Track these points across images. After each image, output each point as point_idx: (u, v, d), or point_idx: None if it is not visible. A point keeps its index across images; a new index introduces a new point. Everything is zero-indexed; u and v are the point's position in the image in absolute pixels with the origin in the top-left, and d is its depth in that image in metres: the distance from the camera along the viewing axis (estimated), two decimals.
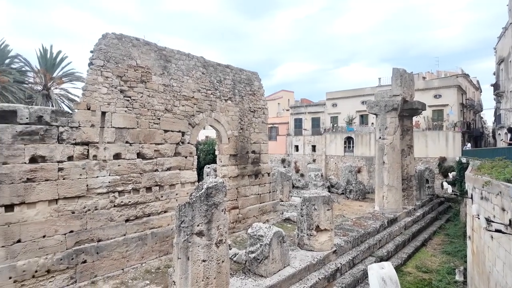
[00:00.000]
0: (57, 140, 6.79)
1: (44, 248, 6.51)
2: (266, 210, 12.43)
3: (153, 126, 8.60)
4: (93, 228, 7.26)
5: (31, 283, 6.26)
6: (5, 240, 6.03)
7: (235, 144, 11.25)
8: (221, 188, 5.71)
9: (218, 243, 5.47)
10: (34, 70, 21.23)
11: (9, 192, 6.11)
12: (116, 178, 7.70)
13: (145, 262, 8.09)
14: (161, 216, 8.70)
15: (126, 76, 7.92)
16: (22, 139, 6.31)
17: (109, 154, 7.64)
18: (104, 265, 7.34)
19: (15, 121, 6.25)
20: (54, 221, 6.67)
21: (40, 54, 21.22)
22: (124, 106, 7.90)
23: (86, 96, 7.24)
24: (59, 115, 6.85)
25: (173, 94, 9.11)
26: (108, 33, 7.58)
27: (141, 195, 8.25)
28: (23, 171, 6.30)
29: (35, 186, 6.43)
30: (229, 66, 11.12)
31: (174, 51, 9.18)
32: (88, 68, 7.37)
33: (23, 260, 6.21)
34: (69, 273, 6.79)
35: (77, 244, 6.98)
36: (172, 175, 9.05)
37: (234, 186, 11.06)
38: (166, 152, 8.93)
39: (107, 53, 7.55)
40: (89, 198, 7.24)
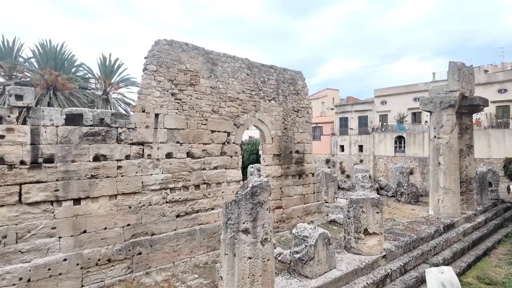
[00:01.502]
0: (116, 140, 7.41)
1: (106, 239, 7.15)
2: (311, 211, 12.26)
3: (201, 127, 8.98)
4: (147, 222, 7.80)
5: (94, 270, 6.92)
6: (73, 230, 6.74)
7: (279, 144, 11.27)
8: (266, 187, 5.78)
9: (263, 241, 5.54)
10: (95, 77, 23.38)
11: (77, 187, 6.82)
12: (168, 176, 8.19)
13: (193, 257, 8.48)
14: (208, 213, 9.04)
15: (176, 79, 8.38)
16: (87, 140, 7.00)
17: (162, 154, 8.14)
18: (157, 258, 7.85)
19: (81, 123, 6.95)
20: (114, 214, 7.30)
21: (100, 62, 23.30)
22: (175, 108, 8.36)
23: (141, 99, 7.80)
24: (118, 117, 7.48)
25: (219, 96, 9.42)
26: (160, 39, 8.09)
27: (190, 192, 8.66)
28: (88, 168, 6.98)
29: (98, 182, 7.09)
30: (273, 67, 11.18)
31: (220, 54, 9.48)
32: (142, 73, 7.93)
33: (88, 249, 6.89)
34: (127, 263, 7.38)
35: (133, 237, 7.55)
36: (218, 174, 9.36)
37: (277, 186, 11.09)
38: (213, 151, 9.26)
39: (159, 59, 8.06)
40: (144, 194, 7.79)
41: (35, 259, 6.25)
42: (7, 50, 20.07)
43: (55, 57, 20.61)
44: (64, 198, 6.63)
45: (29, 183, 6.27)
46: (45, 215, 6.42)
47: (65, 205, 6.66)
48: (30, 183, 6.28)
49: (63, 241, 6.61)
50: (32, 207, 6.29)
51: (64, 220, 6.63)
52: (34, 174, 6.32)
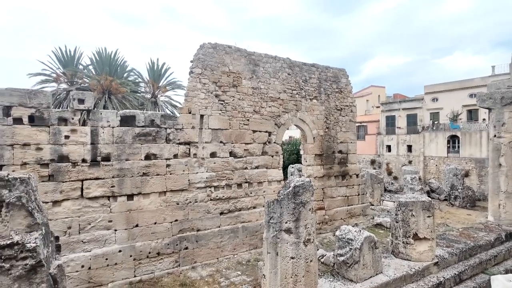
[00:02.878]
0: (165, 140, 7.85)
1: (155, 233, 7.61)
2: (355, 213, 11.87)
3: (243, 127, 9.16)
4: (193, 218, 8.15)
5: (145, 262, 7.39)
6: (127, 224, 7.28)
7: (321, 143, 11.08)
8: (308, 187, 5.73)
9: (306, 242, 5.50)
10: (144, 81, 24.92)
11: (130, 184, 7.34)
12: (212, 175, 8.48)
13: (236, 254, 8.68)
14: (250, 211, 9.19)
15: (220, 81, 8.65)
16: (139, 140, 7.51)
17: (207, 153, 8.45)
18: (202, 253, 8.16)
19: (134, 125, 7.47)
20: (163, 210, 7.73)
21: (149, 66, 24.77)
22: (218, 109, 8.63)
23: (188, 101, 8.17)
24: (166, 118, 7.92)
25: (261, 96, 9.52)
26: (204, 43, 8.40)
27: (233, 191, 8.88)
28: (140, 166, 7.48)
29: (149, 180, 7.57)
30: (315, 65, 11.02)
31: (262, 54, 9.58)
32: (188, 76, 8.30)
33: (140, 242, 7.38)
34: (174, 257, 7.78)
35: (181, 232, 7.94)
36: (260, 173, 9.47)
37: (320, 186, 10.91)
38: (254, 151, 9.39)
39: (204, 62, 8.37)
40: (190, 191, 8.14)
41: (95, 249, 6.86)
42: (69, 59, 22.20)
43: (109, 64, 22.36)
44: (119, 193, 7.19)
45: (89, 179, 6.90)
46: (103, 209, 7.02)
47: (120, 200, 7.21)
48: (90, 179, 6.91)
49: (118, 233, 7.16)
50: (92, 201, 6.91)
51: (119, 214, 7.19)
52: (93, 171, 6.94)
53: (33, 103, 6.34)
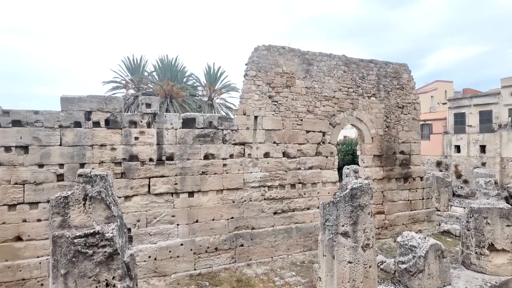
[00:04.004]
0: (222, 141, 8.19)
1: (213, 229, 7.98)
2: (418, 219, 11.02)
3: (296, 127, 9.12)
4: (248, 217, 8.36)
5: (204, 256, 7.80)
6: (188, 219, 7.75)
7: (380, 143, 10.51)
8: (367, 190, 5.49)
9: (364, 247, 5.29)
10: (202, 85, 26.20)
11: (191, 182, 7.81)
12: (265, 174, 8.61)
13: (290, 254, 8.68)
14: (304, 212, 9.11)
15: (273, 82, 8.73)
16: (199, 140, 7.94)
17: (260, 153, 8.60)
18: (257, 251, 8.33)
19: (194, 126, 7.93)
20: (220, 207, 8.08)
21: (205, 71, 25.96)
22: (272, 110, 8.73)
23: (242, 103, 8.41)
24: (223, 120, 8.25)
25: (315, 95, 9.37)
26: (259, 45, 8.56)
27: (286, 191, 8.90)
28: (200, 165, 7.91)
29: (207, 178, 7.97)
30: (373, 61, 10.49)
31: (316, 53, 9.44)
32: (243, 79, 8.54)
33: (200, 237, 7.81)
34: (231, 253, 8.06)
35: (236, 229, 8.20)
36: (313, 174, 9.33)
37: (379, 189, 10.35)
38: (308, 151, 9.28)
39: (259, 64, 8.54)
40: (245, 190, 8.37)
41: (160, 242, 7.44)
42: (136, 67, 24.34)
43: (171, 70, 23.99)
44: (181, 190, 7.70)
45: (155, 177, 7.51)
46: (167, 204, 7.58)
47: (182, 197, 7.72)
48: (156, 177, 7.52)
49: (180, 228, 7.67)
50: (158, 197, 7.51)
51: (181, 210, 7.70)
52: (159, 169, 7.54)
53: (109, 108, 7.11)
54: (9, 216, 6.34)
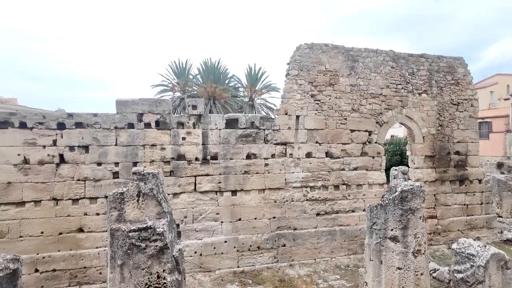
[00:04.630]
0: (264, 140, 8.24)
1: (256, 228, 8.06)
2: (476, 225, 10.10)
3: (340, 127, 8.86)
4: (290, 217, 8.32)
5: (247, 254, 7.91)
6: (231, 217, 7.93)
7: (432, 143, 9.81)
8: (418, 192, 5.17)
9: (415, 253, 4.98)
10: (243, 86, 26.63)
11: (234, 181, 7.97)
12: (308, 175, 8.49)
13: (334, 257, 8.46)
14: (348, 214, 8.82)
15: (316, 81, 8.58)
16: (241, 140, 8.08)
17: (302, 153, 8.51)
18: (299, 252, 8.26)
19: (236, 127, 8.08)
20: (262, 207, 8.14)
21: (247, 72, 26.35)
22: (314, 109, 8.58)
23: (284, 103, 8.39)
24: (265, 120, 8.30)
25: (360, 93, 9.03)
26: (301, 44, 8.47)
27: (329, 192, 8.69)
28: (242, 165, 8.05)
29: (250, 177, 8.08)
30: (424, 55, 9.83)
31: (361, 49, 9.09)
32: (285, 79, 8.51)
33: (242, 235, 7.94)
34: (273, 252, 8.09)
35: (278, 229, 8.20)
36: (358, 175, 8.99)
37: (430, 192, 9.68)
38: (352, 151, 8.98)
39: (301, 63, 8.45)
40: (287, 190, 8.34)
41: (205, 238, 7.70)
42: (182, 70, 25.46)
43: (214, 72, 24.72)
44: (224, 189, 7.90)
45: (201, 176, 7.79)
46: (211, 202, 7.83)
47: (225, 195, 7.91)
48: (201, 176, 7.79)
49: (224, 225, 7.87)
50: (203, 195, 7.78)
51: (225, 208, 7.89)
52: (204, 168, 7.80)
53: (158, 110, 7.53)
54: (73, 209, 7.01)
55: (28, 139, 6.77)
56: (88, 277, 6.98)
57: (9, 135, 6.69)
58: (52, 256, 6.82)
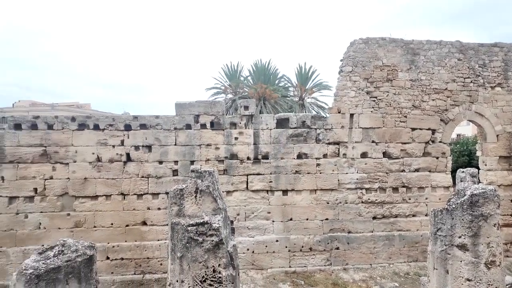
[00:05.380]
0: (315, 140, 8.10)
1: (307, 229, 7.96)
2: None
3: (399, 125, 8.33)
4: (344, 219, 8.05)
5: (299, 255, 7.85)
6: (282, 217, 7.94)
7: (508, 142, 8.70)
8: (492, 197, 4.62)
9: (489, 264, 4.47)
10: (293, 85, 26.46)
11: (285, 180, 7.97)
12: (363, 176, 8.13)
13: (392, 264, 7.98)
14: (408, 219, 8.25)
15: (372, 77, 8.19)
16: (292, 140, 8.05)
17: (357, 153, 8.18)
18: (354, 256, 7.95)
19: (287, 126, 8.07)
20: (314, 207, 8.00)
21: (297, 71, 26.11)
22: (370, 107, 8.19)
23: (337, 101, 8.15)
24: (316, 119, 8.16)
25: (422, 88, 8.39)
26: (355, 39, 8.15)
27: (387, 195, 8.21)
28: (293, 165, 8.01)
29: (301, 177, 8.00)
30: (498, 44, 8.77)
31: (422, 42, 8.44)
32: (338, 76, 8.27)
33: (294, 235, 7.90)
34: (326, 255, 7.90)
35: (331, 231, 7.99)
36: (420, 177, 8.35)
37: (506, 197, 8.60)
38: (413, 151, 8.37)
39: (355, 59, 8.13)
40: (340, 191, 8.09)
41: (257, 236, 7.83)
42: (233, 73, 26.19)
43: (264, 73, 24.99)
44: (275, 188, 7.95)
45: (252, 175, 7.94)
46: (263, 201, 7.93)
47: (276, 195, 7.96)
48: (253, 175, 7.94)
49: (275, 225, 7.91)
50: (255, 193, 7.93)
51: (276, 207, 7.93)
52: (255, 167, 7.94)
53: (213, 111, 7.86)
54: (138, 203, 7.65)
55: (100, 140, 7.57)
56: (151, 267, 7.55)
57: (85, 136, 7.55)
58: (120, 245, 7.53)
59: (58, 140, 7.47)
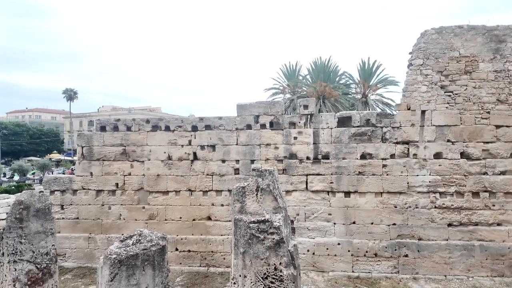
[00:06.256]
0: (381, 139, 7.64)
1: (372, 234, 7.55)
2: None
3: (480, 122, 7.40)
4: (414, 225, 7.44)
5: (362, 260, 7.49)
6: (345, 219, 7.66)
7: None
8: None
9: None
10: (355, 82, 25.32)
11: (347, 182, 7.68)
12: (436, 178, 7.41)
13: (472, 277, 7.12)
14: (492, 228, 7.28)
15: (446, 70, 7.41)
16: (355, 139, 7.71)
17: (429, 153, 7.49)
18: (425, 265, 7.30)
19: (350, 125, 7.76)
20: (380, 211, 7.55)
21: (359, 67, 24.93)
22: (444, 103, 7.43)
23: (406, 96, 7.57)
24: (382, 117, 7.69)
25: (509, 80, 7.33)
26: (427, 30, 7.48)
27: (465, 200, 7.36)
28: (356, 165, 7.67)
29: (365, 179, 7.62)
30: None
31: (510, 27, 7.37)
32: (407, 70, 7.68)
33: (357, 239, 7.56)
34: (393, 262, 7.40)
35: (399, 237, 7.45)
36: (507, 181, 7.30)
37: None
38: (498, 152, 7.36)
39: (426, 51, 7.46)
40: (410, 195, 7.49)
41: (317, 238, 7.69)
42: (292, 72, 26.10)
43: (323, 71, 24.40)
44: (337, 190, 7.70)
45: (312, 175, 7.82)
46: (323, 202, 7.76)
47: (338, 196, 7.71)
48: (312, 175, 7.82)
49: (337, 227, 7.67)
50: (315, 194, 7.80)
51: (337, 209, 7.69)
52: (315, 168, 7.81)
53: (272, 111, 7.95)
54: (203, 199, 8.12)
55: (171, 140, 8.23)
56: (215, 261, 7.95)
57: (158, 136, 8.28)
58: (188, 238, 8.08)
59: (135, 140, 8.33)
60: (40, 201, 5.27)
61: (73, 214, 8.43)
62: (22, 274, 4.90)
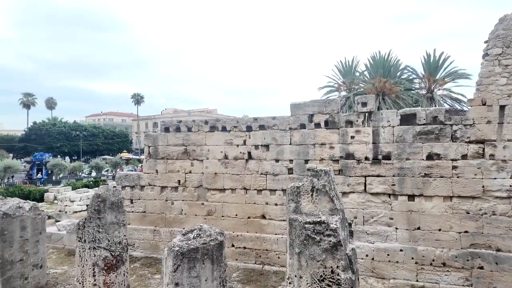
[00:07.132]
0: (451, 138, 6.94)
1: (439, 241, 6.91)
2: None
3: None
4: (490, 234, 6.62)
5: (429, 269, 6.89)
6: (408, 225, 7.13)
7: None
8: None
9: None
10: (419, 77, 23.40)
11: (411, 184, 7.14)
12: None
13: None
14: None
15: None
16: (420, 138, 7.13)
17: (509, 154, 6.59)
18: (504, 280, 6.44)
19: (414, 123, 7.20)
20: (449, 217, 6.88)
21: (424, 60, 22.99)
22: None
23: (481, 91, 6.76)
24: (452, 114, 6.99)
25: None
26: (507, 15, 6.59)
27: None
28: (421, 166, 7.09)
29: (431, 181, 7.01)
30: None
31: None
32: (482, 61, 6.85)
33: (422, 246, 6.99)
34: (464, 273, 6.68)
35: (472, 247, 6.70)
36: None
37: None
38: None
39: (506, 38, 6.57)
40: (485, 200, 6.69)
41: (377, 242, 7.29)
42: (348, 69, 25.11)
43: (383, 66, 23.02)
44: (399, 192, 7.20)
45: (371, 176, 7.43)
46: (384, 205, 7.32)
47: (400, 199, 7.20)
48: (372, 176, 7.43)
49: (399, 232, 7.18)
50: (374, 196, 7.39)
51: (400, 213, 7.19)
52: (375, 168, 7.40)
53: (327, 110, 7.75)
54: (258, 198, 8.26)
55: (227, 140, 8.54)
56: (269, 259, 8.03)
57: (215, 136, 8.66)
58: (243, 235, 8.29)
59: (195, 140, 8.82)
60: (114, 195, 5.89)
61: (140, 208, 9.24)
62: (100, 260, 5.52)
